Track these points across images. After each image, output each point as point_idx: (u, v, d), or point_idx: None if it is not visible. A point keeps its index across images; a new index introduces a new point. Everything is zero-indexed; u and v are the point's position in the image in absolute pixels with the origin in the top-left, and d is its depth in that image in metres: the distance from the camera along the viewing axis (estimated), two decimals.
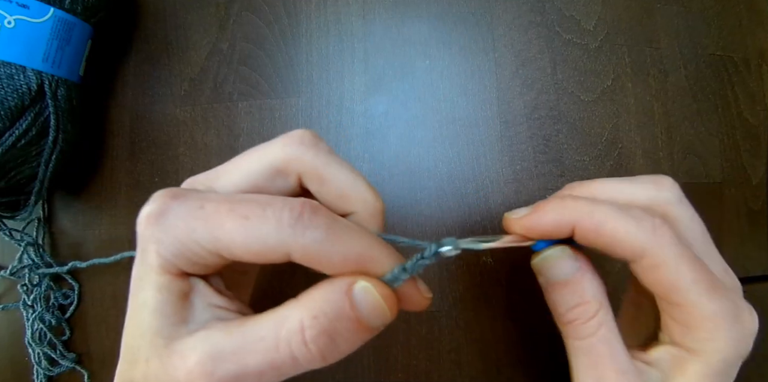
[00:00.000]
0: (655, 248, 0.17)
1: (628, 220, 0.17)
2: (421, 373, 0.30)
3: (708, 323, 0.17)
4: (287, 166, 0.17)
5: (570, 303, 0.18)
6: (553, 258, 0.19)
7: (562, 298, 0.19)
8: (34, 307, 0.31)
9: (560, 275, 0.19)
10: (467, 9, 0.31)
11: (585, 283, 0.18)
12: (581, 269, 0.18)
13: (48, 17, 0.27)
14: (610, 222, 0.17)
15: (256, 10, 0.32)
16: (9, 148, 0.26)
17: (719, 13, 0.32)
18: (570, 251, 0.19)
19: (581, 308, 0.18)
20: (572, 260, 0.19)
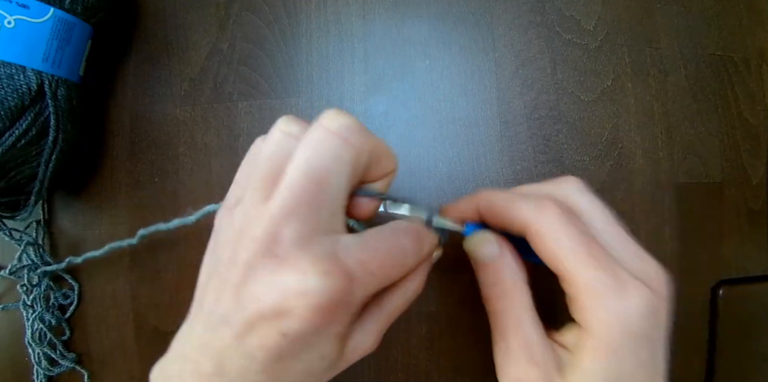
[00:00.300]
0: (536, 220, 0.19)
1: (516, 198, 0.20)
2: (421, 373, 0.30)
3: (585, 294, 0.18)
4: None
5: (489, 281, 0.21)
6: (478, 241, 0.22)
7: (483, 276, 0.22)
8: (34, 307, 0.31)
9: (483, 256, 0.22)
10: (467, 9, 0.31)
11: (502, 265, 0.21)
12: (501, 252, 0.21)
13: (48, 17, 0.27)
14: (500, 201, 0.21)
15: (256, 10, 0.32)
16: (9, 148, 0.26)
17: (719, 13, 0.32)
18: (492, 237, 0.22)
19: (498, 286, 0.21)
20: (494, 244, 0.22)
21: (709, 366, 0.31)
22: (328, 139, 0.17)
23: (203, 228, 0.31)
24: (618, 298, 0.18)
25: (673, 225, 0.30)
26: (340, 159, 0.17)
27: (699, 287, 0.31)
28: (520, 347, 0.20)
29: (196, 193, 0.31)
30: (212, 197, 0.31)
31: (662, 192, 0.30)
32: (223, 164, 0.31)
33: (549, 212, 0.19)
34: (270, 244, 0.16)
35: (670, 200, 0.31)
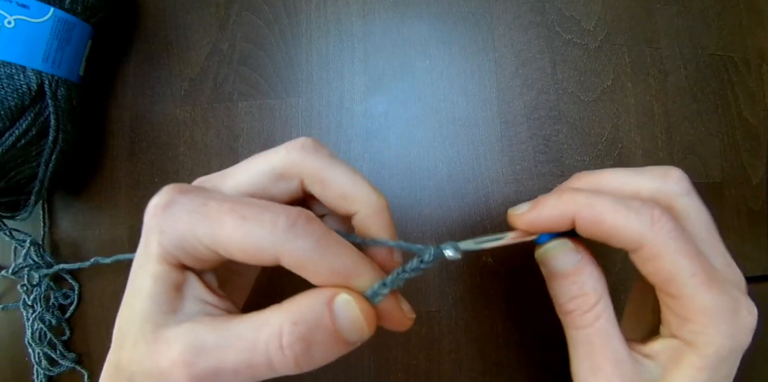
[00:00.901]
0: (653, 240, 0.17)
1: (626, 211, 0.17)
2: (421, 373, 0.30)
3: (702, 316, 0.17)
4: (290, 170, 0.18)
5: (570, 294, 0.19)
6: (554, 250, 0.19)
7: (563, 289, 0.19)
8: (34, 307, 0.31)
9: (561, 267, 0.19)
10: (467, 9, 0.31)
11: (585, 275, 0.19)
12: (582, 261, 0.19)
13: (48, 17, 0.27)
14: (608, 214, 0.18)
15: (256, 10, 0.32)
16: (9, 148, 0.26)
17: (719, 13, 0.32)
18: (571, 244, 0.19)
19: (580, 299, 0.19)
20: (573, 253, 0.19)
21: None
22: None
23: None
24: (735, 320, 0.17)
25: None
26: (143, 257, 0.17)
27: None
28: (611, 365, 0.18)
29: None
30: None
31: None
32: (223, 164, 0.31)
33: (665, 230, 0.17)
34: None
35: None
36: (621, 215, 0.17)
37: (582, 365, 0.19)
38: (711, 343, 0.17)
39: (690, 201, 0.19)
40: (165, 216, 0.16)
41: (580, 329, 0.19)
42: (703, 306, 0.17)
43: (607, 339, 0.18)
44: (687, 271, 0.17)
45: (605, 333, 0.18)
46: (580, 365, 0.19)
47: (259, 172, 0.18)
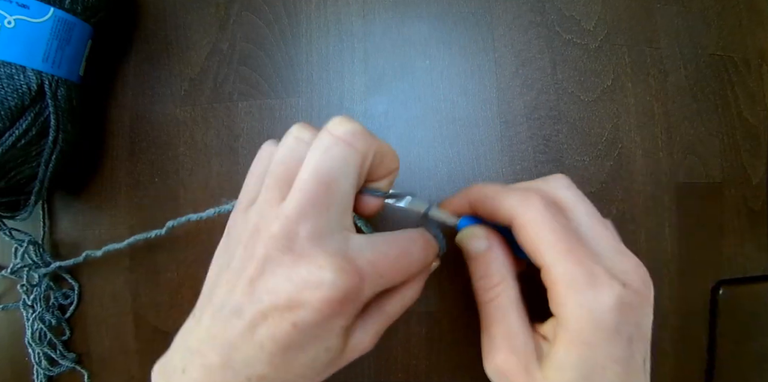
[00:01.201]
0: (522, 213, 0.20)
1: (505, 192, 0.21)
2: (421, 373, 0.30)
3: (559, 286, 0.19)
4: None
5: (478, 273, 0.22)
6: (468, 235, 0.23)
7: (473, 269, 0.23)
8: (34, 307, 0.31)
9: (473, 250, 0.23)
10: (467, 9, 0.31)
11: (491, 258, 0.22)
12: (489, 246, 0.22)
13: (48, 17, 0.27)
14: (490, 193, 0.22)
15: (256, 10, 0.32)
16: (9, 148, 0.26)
17: (719, 13, 0.32)
18: (481, 232, 0.23)
19: (486, 278, 0.22)
20: (483, 239, 0.23)
21: (709, 366, 0.31)
22: (336, 145, 0.18)
23: (203, 229, 0.31)
24: (590, 292, 0.18)
25: (673, 225, 0.30)
26: (346, 163, 0.18)
27: (699, 287, 0.31)
28: (503, 337, 0.21)
29: (196, 193, 0.31)
30: (212, 196, 0.31)
31: (662, 192, 0.30)
32: (223, 164, 0.31)
33: (533, 205, 0.20)
34: (287, 241, 0.17)
35: (670, 200, 0.30)
36: (500, 195, 0.21)
37: (483, 334, 0.22)
38: (570, 315, 0.19)
39: (569, 193, 0.22)
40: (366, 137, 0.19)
41: (483, 303, 0.22)
42: (558, 275, 0.19)
43: (503, 315, 0.21)
44: (547, 241, 0.19)
45: (502, 309, 0.21)
46: (482, 334, 0.22)
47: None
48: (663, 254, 0.30)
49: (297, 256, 0.17)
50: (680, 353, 0.30)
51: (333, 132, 0.18)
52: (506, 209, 0.21)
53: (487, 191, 0.22)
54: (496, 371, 0.21)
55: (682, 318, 0.30)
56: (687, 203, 0.31)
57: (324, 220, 0.18)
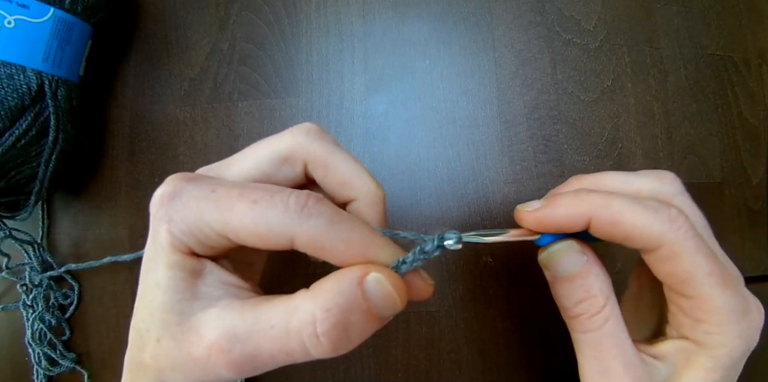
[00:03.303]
0: (673, 239, 0.17)
1: (644, 211, 0.17)
2: (421, 373, 0.30)
3: (717, 317, 0.17)
4: (294, 154, 0.18)
5: (576, 297, 0.18)
6: (560, 252, 0.19)
7: (569, 292, 0.19)
8: (34, 307, 0.31)
9: (567, 269, 0.19)
10: (467, 9, 0.31)
11: (592, 277, 0.18)
12: (588, 262, 0.18)
13: (48, 17, 0.27)
14: (627, 213, 0.17)
15: (256, 10, 0.32)
16: (9, 148, 0.26)
17: (719, 13, 0.32)
18: (577, 246, 0.19)
19: (588, 302, 0.18)
20: (580, 254, 0.18)
21: None
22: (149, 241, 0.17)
23: None
24: (746, 320, 0.17)
25: None
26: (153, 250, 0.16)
27: None
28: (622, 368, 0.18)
29: None
30: None
31: None
32: None
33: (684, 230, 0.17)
34: None
35: None
36: (639, 214, 0.17)
37: (591, 368, 0.19)
38: (724, 344, 0.17)
39: (686, 200, 0.19)
40: (172, 204, 0.16)
41: (588, 332, 0.18)
42: (718, 307, 0.17)
43: (616, 342, 0.18)
44: (704, 270, 0.17)
45: (614, 336, 0.18)
46: (589, 368, 0.19)
47: (263, 157, 0.18)
48: None
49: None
50: None
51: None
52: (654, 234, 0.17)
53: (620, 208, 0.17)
54: None
55: None
56: None
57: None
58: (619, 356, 0.18)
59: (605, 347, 0.18)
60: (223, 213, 0.15)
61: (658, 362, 0.18)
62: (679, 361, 0.18)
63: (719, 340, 0.17)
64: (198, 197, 0.16)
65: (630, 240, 0.17)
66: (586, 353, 0.19)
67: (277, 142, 0.18)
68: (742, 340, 0.17)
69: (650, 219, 0.17)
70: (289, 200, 0.15)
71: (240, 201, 0.15)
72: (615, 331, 0.18)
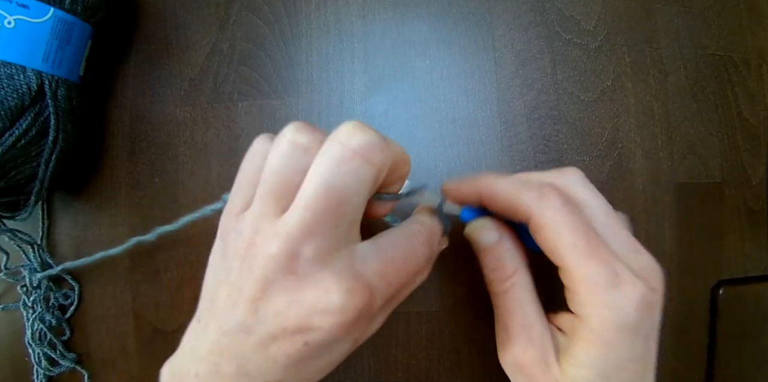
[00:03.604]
0: (539, 212, 0.19)
1: (519, 187, 0.20)
2: (421, 373, 0.30)
3: (582, 287, 0.19)
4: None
5: (490, 266, 0.22)
6: (477, 228, 0.23)
7: (485, 261, 0.22)
8: (34, 307, 0.31)
9: (483, 242, 0.22)
10: (467, 9, 0.31)
11: (502, 250, 0.22)
12: (500, 237, 0.22)
13: (48, 17, 0.27)
14: (504, 188, 0.21)
15: (256, 10, 0.32)
16: (9, 148, 0.26)
17: (719, 13, 0.32)
18: (491, 223, 0.22)
19: (498, 270, 0.22)
20: (492, 231, 0.22)
21: (709, 366, 0.31)
22: (349, 160, 0.16)
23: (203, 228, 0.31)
24: (614, 292, 0.18)
25: (673, 225, 0.30)
26: (361, 180, 0.17)
27: (699, 287, 0.31)
28: (520, 328, 0.21)
29: (196, 193, 0.31)
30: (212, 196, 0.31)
31: (662, 192, 0.30)
32: (223, 164, 0.31)
33: (552, 203, 0.19)
34: (289, 261, 0.16)
35: (670, 200, 0.30)
36: (514, 190, 0.20)
37: (498, 326, 0.22)
38: (593, 315, 0.19)
39: (585, 189, 0.21)
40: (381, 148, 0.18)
41: (498, 295, 0.22)
42: (581, 276, 0.19)
43: (518, 305, 0.21)
44: (568, 241, 0.19)
45: (517, 300, 0.21)
46: (497, 326, 0.22)
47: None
48: (663, 254, 0.30)
49: (301, 279, 0.16)
50: (680, 353, 0.30)
51: (345, 143, 0.17)
52: (523, 207, 0.20)
53: (500, 185, 0.21)
54: (512, 363, 0.21)
55: (682, 318, 0.30)
56: (687, 203, 0.31)
57: (331, 238, 0.16)
58: (518, 317, 0.21)
59: (507, 309, 0.21)
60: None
61: (559, 333, 0.21)
62: (570, 333, 0.20)
63: (588, 311, 0.19)
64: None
65: (508, 212, 0.21)
66: (496, 313, 0.22)
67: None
68: (611, 312, 0.18)
69: (521, 194, 0.20)
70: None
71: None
72: (518, 296, 0.21)
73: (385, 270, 0.17)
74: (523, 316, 0.21)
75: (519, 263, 0.22)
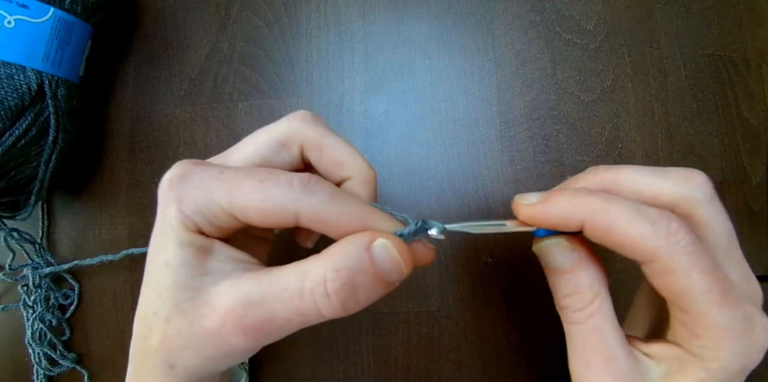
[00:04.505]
0: (667, 255, 0.16)
1: (641, 222, 0.16)
2: (421, 373, 0.30)
3: (713, 333, 0.17)
4: (291, 138, 0.20)
5: (565, 291, 0.19)
6: (550, 248, 0.19)
7: (558, 285, 0.19)
8: (35, 307, 0.31)
9: (557, 264, 0.19)
10: (467, 9, 0.31)
11: (581, 274, 0.18)
12: (579, 259, 0.19)
13: (48, 17, 0.27)
14: (622, 223, 0.17)
15: (256, 10, 0.32)
16: (9, 148, 0.26)
17: (719, 13, 0.32)
18: (567, 244, 0.19)
19: (575, 296, 0.19)
20: (569, 252, 0.19)
21: None
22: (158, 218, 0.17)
23: None
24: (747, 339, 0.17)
25: None
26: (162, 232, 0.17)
27: None
28: (603, 361, 0.18)
29: None
30: None
31: None
32: None
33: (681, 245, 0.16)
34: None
35: None
36: (635, 225, 0.16)
37: (576, 358, 0.19)
38: (719, 359, 0.17)
39: (712, 210, 0.18)
40: (182, 185, 0.16)
41: (575, 324, 0.19)
42: (714, 323, 0.17)
43: (600, 336, 0.18)
44: (700, 288, 0.16)
45: (599, 331, 0.18)
46: (574, 358, 0.19)
47: (261, 143, 0.19)
48: None
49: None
50: None
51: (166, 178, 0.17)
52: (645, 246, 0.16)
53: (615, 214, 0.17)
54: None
55: None
56: None
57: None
58: (601, 350, 0.18)
59: (589, 340, 0.18)
60: (232, 192, 0.16)
61: (651, 361, 0.18)
62: (673, 365, 0.18)
63: (714, 355, 0.17)
64: (207, 178, 0.16)
65: (623, 250, 0.17)
66: (573, 344, 0.19)
67: (274, 128, 0.20)
68: (739, 358, 0.17)
69: (645, 231, 0.16)
70: (293, 179, 0.16)
71: (247, 180, 0.16)
72: (600, 326, 0.18)
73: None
74: (606, 349, 0.18)
75: (600, 287, 0.18)
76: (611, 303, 0.19)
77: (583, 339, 0.19)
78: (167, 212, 0.16)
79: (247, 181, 0.16)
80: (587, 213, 0.17)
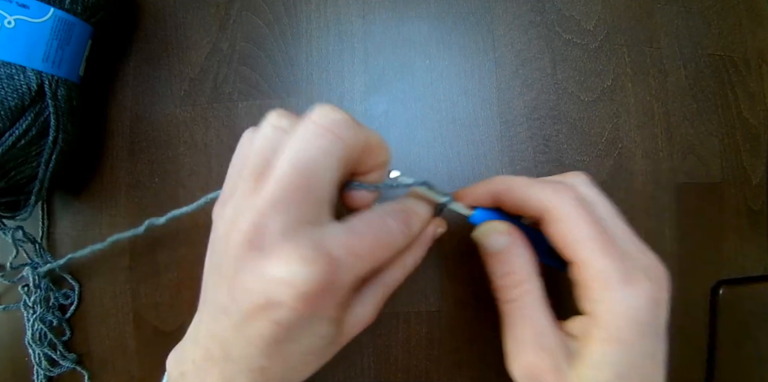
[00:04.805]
0: (556, 205, 0.19)
1: (535, 183, 0.21)
2: (421, 373, 0.30)
3: (596, 282, 0.18)
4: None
5: (500, 271, 0.21)
6: (485, 231, 0.22)
7: (494, 266, 0.22)
8: (35, 307, 0.31)
9: (492, 247, 0.22)
10: (467, 9, 0.31)
11: (514, 256, 0.21)
12: (512, 241, 0.21)
13: (48, 17, 0.27)
14: (520, 186, 0.21)
15: (256, 10, 0.32)
16: (9, 148, 0.26)
17: (719, 13, 0.32)
18: (501, 227, 0.22)
19: (510, 276, 0.21)
20: (503, 235, 0.21)
21: (709, 366, 0.31)
22: (318, 134, 0.17)
23: (203, 227, 0.31)
24: (628, 287, 0.18)
25: (673, 225, 0.30)
26: (329, 153, 0.17)
27: (699, 287, 0.31)
28: (532, 336, 0.20)
29: (196, 193, 0.31)
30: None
31: (662, 192, 0.30)
32: (223, 164, 0.31)
33: (568, 197, 0.19)
34: (255, 236, 0.16)
35: (670, 200, 0.31)
36: (529, 186, 0.20)
37: (507, 334, 0.21)
38: (608, 311, 0.18)
39: (590, 190, 0.21)
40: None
41: (507, 302, 0.21)
42: (596, 270, 0.18)
43: (530, 313, 0.20)
44: (585, 234, 0.19)
45: (529, 308, 0.20)
46: (506, 334, 0.21)
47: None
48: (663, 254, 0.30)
49: (266, 253, 0.16)
50: (680, 353, 0.30)
51: (316, 121, 0.18)
52: (539, 201, 0.20)
53: (514, 182, 0.21)
54: (524, 372, 0.20)
55: (682, 318, 0.30)
56: (687, 203, 0.31)
57: (298, 212, 0.17)
58: (530, 326, 0.20)
59: (519, 317, 0.20)
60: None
61: (569, 339, 0.20)
62: (582, 336, 0.19)
63: (603, 307, 0.18)
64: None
65: (523, 208, 0.21)
66: (506, 322, 0.21)
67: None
68: (626, 307, 0.18)
69: (537, 189, 0.20)
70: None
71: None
72: (530, 304, 0.20)
73: (352, 243, 0.17)
74: (535, 325, 0.20)
75: (531, 268, 0.21)
76: (543, 288, 0.21)
77: (515, 316, 0.21)
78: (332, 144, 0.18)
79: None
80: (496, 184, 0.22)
